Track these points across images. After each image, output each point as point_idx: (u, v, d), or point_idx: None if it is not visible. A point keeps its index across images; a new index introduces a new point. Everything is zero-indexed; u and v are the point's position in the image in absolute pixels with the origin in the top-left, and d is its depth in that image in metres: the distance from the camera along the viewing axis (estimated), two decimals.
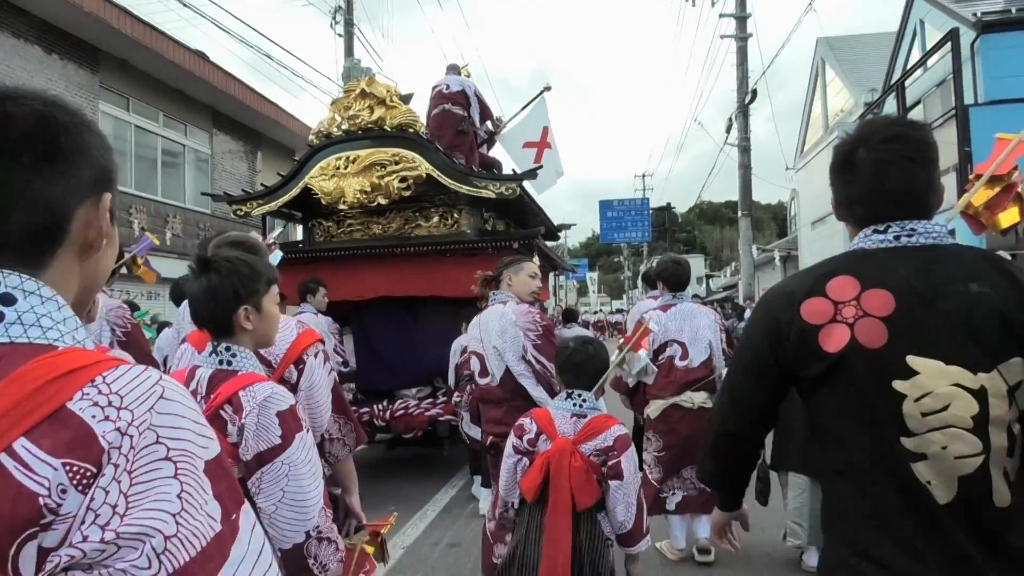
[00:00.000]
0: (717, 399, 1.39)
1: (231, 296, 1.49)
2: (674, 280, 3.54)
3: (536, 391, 2.74)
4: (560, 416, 2.07)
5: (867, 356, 1.04)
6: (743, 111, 14.28)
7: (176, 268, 10.34)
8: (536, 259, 4.93)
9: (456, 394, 4.67)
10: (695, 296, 16.52)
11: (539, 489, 1.99)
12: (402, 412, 4.97)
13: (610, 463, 1.98)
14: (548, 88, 7.24)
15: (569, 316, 8.62)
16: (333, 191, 4.96)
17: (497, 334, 2.77)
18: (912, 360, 1.01)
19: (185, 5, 10.98)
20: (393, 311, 5.49)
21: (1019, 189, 1.65)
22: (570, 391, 2.12)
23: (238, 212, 5.45)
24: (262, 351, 2.09)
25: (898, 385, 1.01)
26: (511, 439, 2.16)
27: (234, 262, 1.51)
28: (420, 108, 6.20)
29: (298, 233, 7.43)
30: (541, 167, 5.74)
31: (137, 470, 0.49)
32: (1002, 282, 1.04)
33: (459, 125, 6.15)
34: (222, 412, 1.38)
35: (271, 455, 1.34)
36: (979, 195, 1.62)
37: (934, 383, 1.01)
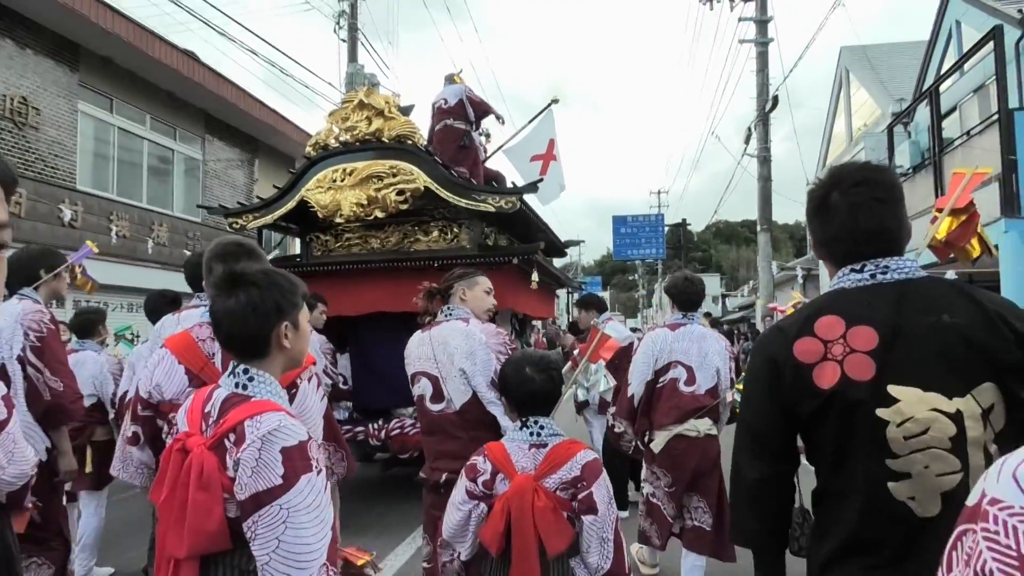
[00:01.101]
0: (737, 445, 1.37)
1: (273, 311, 1.42)
2: (684, 298, 3.50)
3: (505, 420, 2.56)
4: (516, 449, 1.87)
5: (857, 389, 1.17)
6: (763, 120, 14.23)
7: (159, 279, 10.45)
8: (536, 275, 5.04)
9: (407, 413, 4.77)
10: (706, 314, 16.50)
11: (503, 538, 1.78)
12: (398, 431, 5.04)
13: (580, 496, 1.79)
14: (555, 101, 7.52)
15: (574, 331, 8.94)
16: (329, 204, 5.09)
17: (464, 355, 2.59)
18: (893, 389, 1.15)
19: (178, 6, 11.29)
20: (391, 327, 5.43)
21: (977, 221, 1.72)
22: (525, 419, 1.93)
23: (233, 225, 5.57)
24: None
25: (881, 412, 1.15)
26: (462, 482, 1.93)
27: (272, 275, 1.46)
28: (422, 120, 6.34)
29: (296, 247, 7.77)
30: (542, 180, 5.83)
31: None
32: (972, 311, 1.18)
33: (461, 140, 6.46)
34: (225, 441, 1.31)
35: (268, 497, 1.23)
36: (942, 228, 1.70)
37: (914, 409, 1.14)
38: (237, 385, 1.40)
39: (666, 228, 26.78)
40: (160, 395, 2.04)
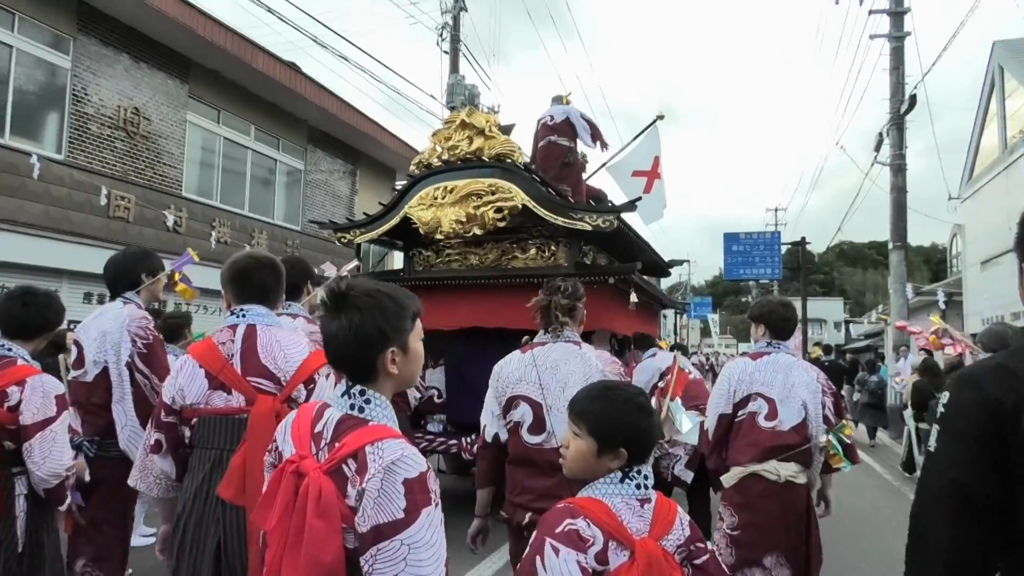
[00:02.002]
0: (924, 502, 1.18)
1: (376, 337, 1.42)
2: (781, 325, 3.35)
3: None
4: (624, 506, 1.57)
5: None
6: (897, 123, 13.37)
7: None
8: (633, 295, 5.20)
9: None
10: (818, 343, 15.83)
11: None
12: None
13: (698, 560, 1.61)
14: (661, 117, 7.72)
15: (644, 343, 9.06)
16: (430, 220, 5.58)
17: (579, 383, 2.45)
18: None
19: (281, 19, 12.53)
20: (486, 343, 5.76)
21: None
22: (627, 468, 1.62)
23: (341, 239, 6.23)
24: (269, 366, 2.13)
25: None
26: (568, 556, 1.54)
27: (376, 296, 1.45)
28: (523, 138, 6.63)
29: (397, 262, 8.31)
30: (640, 199, 5.96)
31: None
32: None
33: (565, 157, 6.79)
34: (344, 467, 1.32)
35: (391, 531, 1.26)
36: None
37: None
38: (353, 407, 1.41)
39: (783, 247, 26.28)
40: (182, 399, 2.13)
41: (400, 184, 18.89)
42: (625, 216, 5.91)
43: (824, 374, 3.40)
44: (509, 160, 5.53)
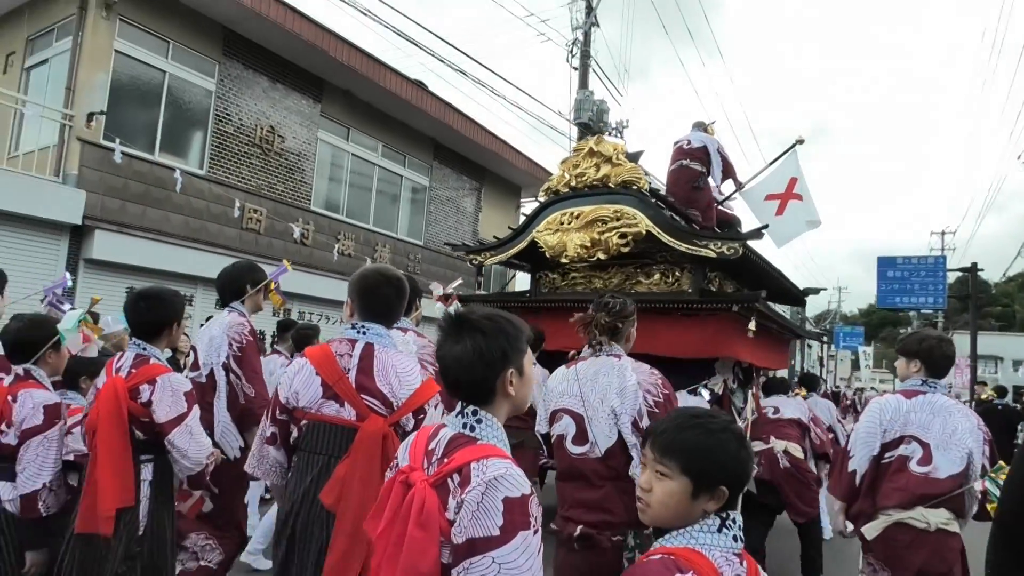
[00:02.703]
0: (999, 549, 1.29)
1: (499, 358, 1.56)
2: (943, 363, 3.28)
3: (638, 469, 2.39)
4: (725, 563, 1.42)
5: None
6: None
7: None
8: (752, 323, 5.40)
9: None
10: (985, 384, 15.44)
11: None
12: None
13: None
14: (801, 141, 7.92)
15: (809, 383, 8.52)
16: (556, 245, 6.14)
17: (616, 393, 2.70)
18: None
19: (403, 36, 13.87)
20: None
21: None
22: (724, 513, 1.48)
23: (472, 261, 6.98)
24: (384, 389, 2.28)
25: None
26: None
27: (496, 320, 1.60)
28: (652, 164, 7.67)
29: (521, 283, 9.19)
30: (766, 227, 6.10)
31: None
32: None
33: (696, 181, 7.22)
34: (449, 481, 1.44)
35: (485, 546, 1.34)
36: None
37: None
38: (465, 426, 1.54)
39: (949, 274, 24.41)
40: (296, 401, 2.34)
41: (525, 202, 19.39)
42: (759, 243, 6.07)
43: (983, 419, 3.29)
44: (635, 187, 5.97)
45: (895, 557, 3.05)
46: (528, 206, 19.56)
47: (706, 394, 5.73)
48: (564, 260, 6.29)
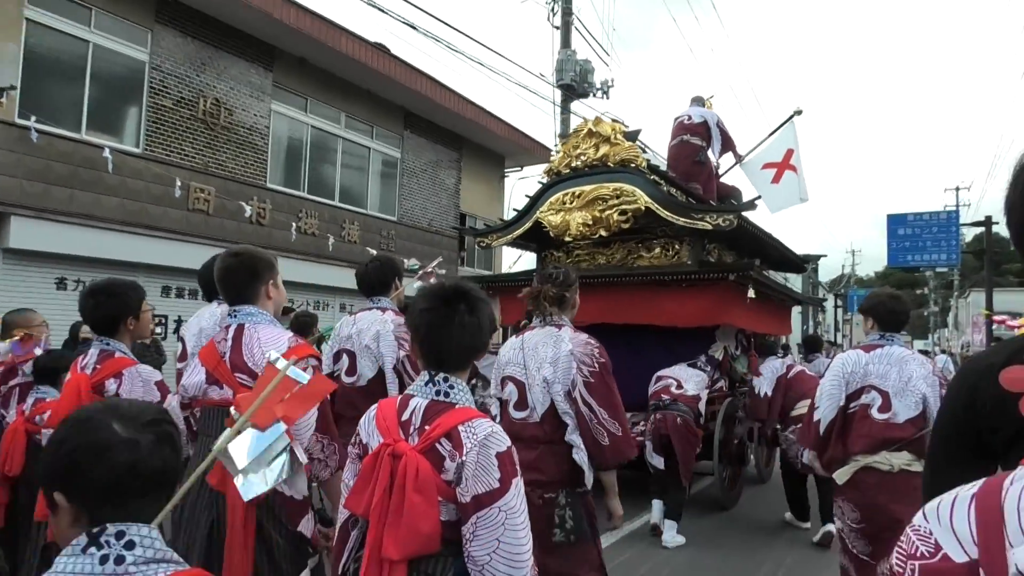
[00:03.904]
0: (930, 453, 1.75)
1: (487, 333, 1.92)
2: (889, 317, 3.97)
3: (573, 436, 3.04)
4: None
5: None
6: None
7: (342, 276, 12.93)
8: (751, 291, 6.36)
9: (641, 423, 6.21)
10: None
11: None
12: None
13: None
14: (799, 112, 9.07)
15: (812, 345, 9.48)
16: (559, 224, 7.12)
17: (549, 362, 3.14)
18: None
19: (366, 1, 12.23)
20: (611, 338, 6.86)
21: None
22: None
23: (480, 243, 7.94)
24: (248, 363, 2.54)
25: None
26: None
27: (484, 297, 1.96)
28: (651, 139, 8.82)
29: (522, 263, 9.72)
30: (759, 198, 7.04)
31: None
32: None
33: (696, 155, 8.40)
34: (438, 446, 1.73)
35: (489, 499, 1.67)
36: None
37: None
38: (439, 393, 1.84)
39: (963, 229, 26.26)
40: (186, 393, 2.69)
41: (509, 171, 19.64)
42: (761, 214, 6.97)
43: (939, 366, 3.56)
44: (633, 165, 6.91)
45: (863, 498, 3.68)
46: (513, 175, 20.46)
47: (704, 369, 6.78)
48: (568, 239, 7.28)
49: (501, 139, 18.87)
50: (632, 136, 7.36)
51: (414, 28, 13.31)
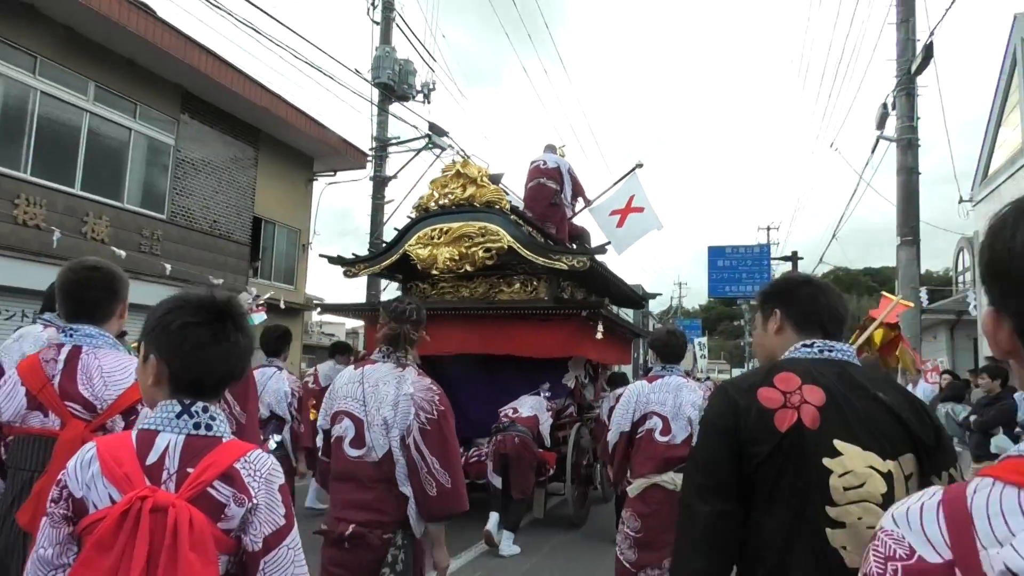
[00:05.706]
0: (688, 485, 1.89)
1: (249, 356, 1.71)
2: (666, 351, 4.48)
3: (406, 486, 2.90)
4: None
5: (806, 435, 1.70)
6: (907, 89, 12.17)
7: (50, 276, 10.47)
8: (600, 327, 7.03)
9: (484, 445, 6.82)
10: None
11: None
12: (476, 459, 7.23)
13: None
14: (640, 165, 10.02)
15: (616, 381, 9.85)
16: (427, 257, 7.49)
17: (391, 405, 3.00)
18: (838, 443, 1.70)
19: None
20: (472, 366, 7.95)
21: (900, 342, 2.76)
22: None
23: (348, 273, 8.10)
24: (84, 392, 2.32)
25: (827, 462, 1.69)
26: None
27: (245, 312, 1.76)
28: (510, 182, 8.92)
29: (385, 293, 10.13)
30: (608, 244, 7.73)
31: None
32: (899, 396, 1.80)
33: (552, 198, 9.16)
34: (212, 491, 1.47)
35: (276, 540, 1.53)
36: (878, 336, 2.82)
37: (854, 463, 1.67)
38: (198, 426, 1.56)
39: (773, 263, 28.55)
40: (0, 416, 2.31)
41: (320, 175, 18.46)
42: (608, 255, 7.82)
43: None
44: (498, 207, 7.46)
45: (648, 511, 4.12)
46: (323, 179, 18.76)
47: (545, 395, 7.49)
48: (435, 272, 7.72)
49: (307, 137, 16.53)
50: (496, 179, 7.99)
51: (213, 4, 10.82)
